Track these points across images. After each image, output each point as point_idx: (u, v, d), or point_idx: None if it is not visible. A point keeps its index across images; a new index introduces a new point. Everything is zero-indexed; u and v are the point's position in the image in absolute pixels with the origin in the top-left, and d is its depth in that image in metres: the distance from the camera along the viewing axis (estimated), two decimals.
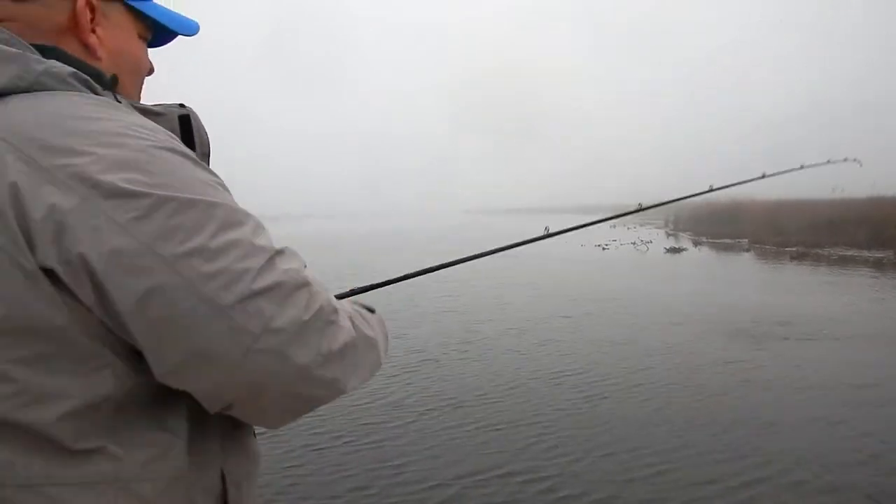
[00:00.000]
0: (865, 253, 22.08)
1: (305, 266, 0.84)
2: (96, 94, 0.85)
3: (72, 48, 0.90)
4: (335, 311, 0.83)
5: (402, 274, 1.67)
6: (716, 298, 12.89)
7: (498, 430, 5.61)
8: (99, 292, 0.71)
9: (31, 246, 0.70)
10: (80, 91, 0.82)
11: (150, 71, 1.05)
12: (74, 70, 0.83)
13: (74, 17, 0.90)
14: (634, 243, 29.04)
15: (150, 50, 1.05)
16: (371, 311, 1.00)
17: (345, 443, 5.35)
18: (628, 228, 44.50)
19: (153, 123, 0.84)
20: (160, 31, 1.05)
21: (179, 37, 1.09)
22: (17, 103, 0.78)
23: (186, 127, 0.96)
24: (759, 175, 2.68)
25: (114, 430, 0.75)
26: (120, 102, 0.87)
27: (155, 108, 0.95)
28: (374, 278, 1.56)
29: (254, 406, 0.80)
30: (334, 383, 0.81)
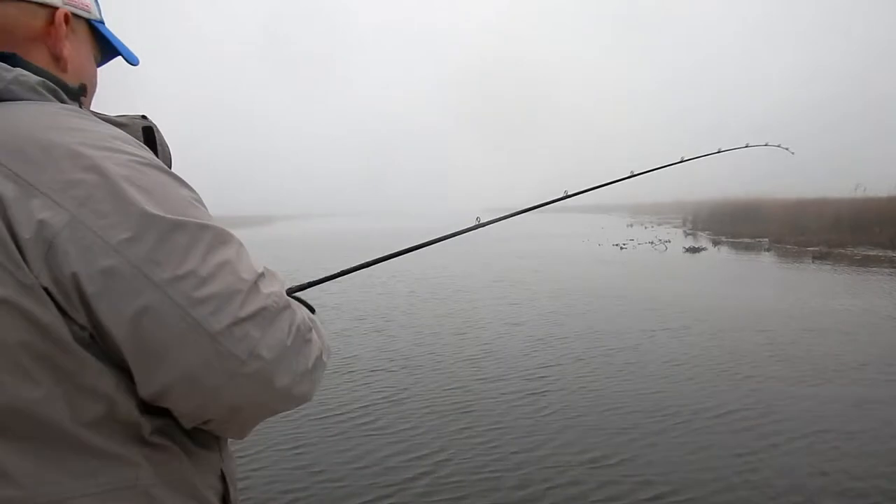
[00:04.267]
0: (890, 252, 21.69)
1: (284, 284, 0.86)
2: (64, 103, 0.84)
3: (38, 57, 0.89)
4: (309, 328, 0.86)
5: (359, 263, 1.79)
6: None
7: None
8: (89, 312, 0.72)
9: (27, 262, 0.70)
10: (49, 100, 0.82)
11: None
12: (42, 79, 0.82)
13: (51, 26, 0.90)
14: (652, 242, 28.77)
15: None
16: (312, 310, 1.01)
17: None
18: (645, 227, 44.22)
19: (126, 134, 0.84)
20: (105, 56, 1.07)
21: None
22: None
23: (149, 138, 0.95)
24: (678, 160, 2.72)
25: (132, 438, 0.77)
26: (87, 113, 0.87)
27: (119, 119, 0.94)
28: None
29: (231, 422, 0.84)
30: (305, 397, 0.86)
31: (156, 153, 0.93)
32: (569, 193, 2.30)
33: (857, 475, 4.74)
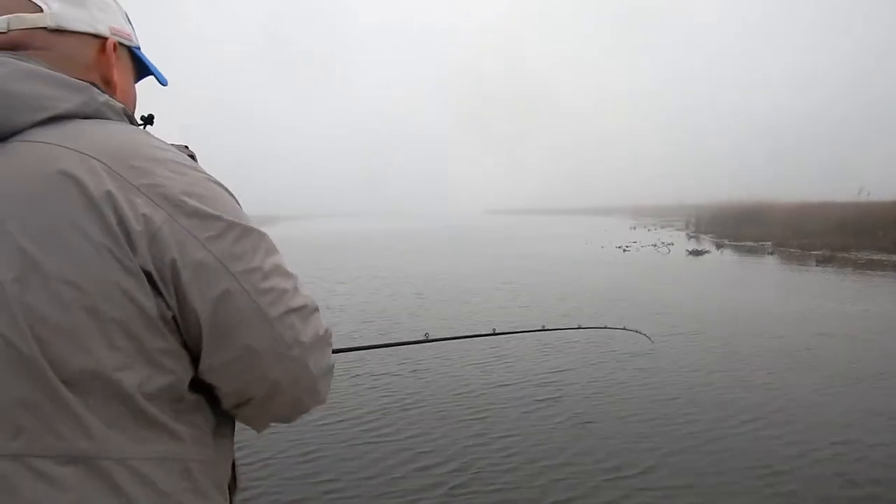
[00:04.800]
0: (894, 257, 21.55)
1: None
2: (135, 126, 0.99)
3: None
4: (330, 334, 1.00)
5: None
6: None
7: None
8: (180, 294, 0.85)
9: (133, 248, 0.82)
10: (126, 123, 0.96)
11: None
12: (123, 105, 0.96)
13: (102, 55, 1.01)
14: (655, 245, 28.69)
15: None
16: None
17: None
18: (648, 230, 44.14)
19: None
20: (138, 77, 1.16)
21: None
22: (92, 127, 0.89)
23: None
24: (540, 328, 2.91)
25: (180, 413, 0.87)
26: None
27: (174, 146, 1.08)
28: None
29: (265, 405, 0.96)
30: (321, 397, 1.00)
31: None
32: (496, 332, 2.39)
33: (891, 485, 4.61)
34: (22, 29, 0.94)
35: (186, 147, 1.06)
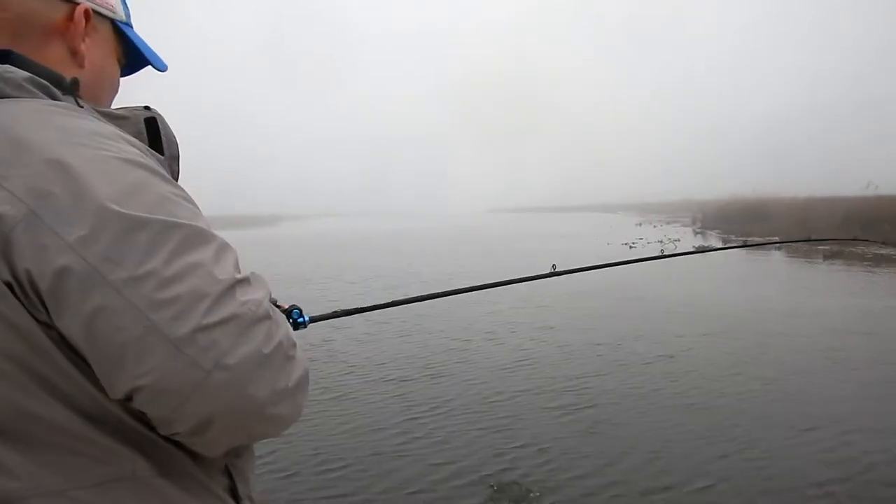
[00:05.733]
0: None
1: (271, 295, 0.82)
2: (56, 99, 0.82)
3: (53, 52, 0.90)
4: (294, 345, 0.80)
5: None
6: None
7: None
8: (47, 311, 0.70)
9: None
10: (37, 96, 0.80)
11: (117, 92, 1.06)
12: (30, 75, 0.81)
13: (70, 20, 0.91)
14: (661, 241, 28.57)
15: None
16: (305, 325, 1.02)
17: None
18: (654, 226, 44.02)
19: (113, 130, 0.81)
20: (132, 61, 1.06)
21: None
22: None
23: (153, 130, 0.93)
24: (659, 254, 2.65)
25: (126, 431, 0.75)
26: (82, 107, 0.84)
27: (119, 112, 0.92)
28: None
29: (200, 437, 0.76)
30: (284, 420, 0.79)
31: (159, 144, 0.92)
32: (556, 270, 2.12)
33: None
34: None
35: (147, 108, 0.96)
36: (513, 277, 1.91)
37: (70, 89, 0.86)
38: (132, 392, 0.71)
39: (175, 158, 0.96)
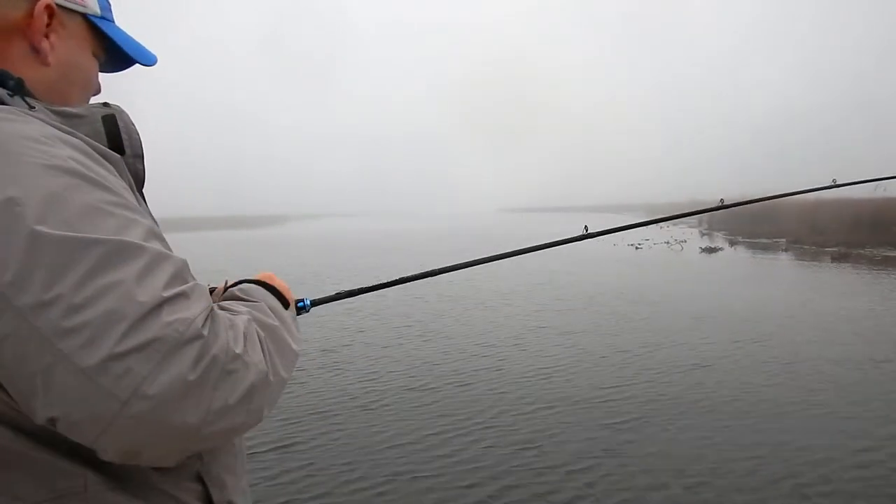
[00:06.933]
0: None
1: (208, 307, 0.73)
2: (1, 100, 0.79)
3: (14, 51, 0.87)
4: (236, 356, 0.72)
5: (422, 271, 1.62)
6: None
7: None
8: None
9: None
10: None
11: (97, 91, 1.02)
12: None
13: (30, 18, 0.87)
14: (668, 242, 28.55)
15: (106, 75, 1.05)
16: (297, 308, 0.97)
17: None
18: (660, 227, 43.83)
19: (51, 132, 0.75)
20: (116, 56, 1.02)
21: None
22: None
23: (113, 128, 0.89)
24: (831, 183, 2.40)
25: (74, 446, 0.70)
26: (33, 108, 0.80)
27: (74, 111, 0.87)
28: None
29: (134, 461, 0.71)
30: (233, 430, 0.73)
31: (119, 141, 0.88)
32: (724, 203, 2.01)
33: None
34: None
35: (106, 105, 0.92)
36: (544, 242, 1.83)
37: (17, 89, 0.82)
38: (51, 423, 0.67)
39: (139, 157, 0.91)
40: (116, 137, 0.88)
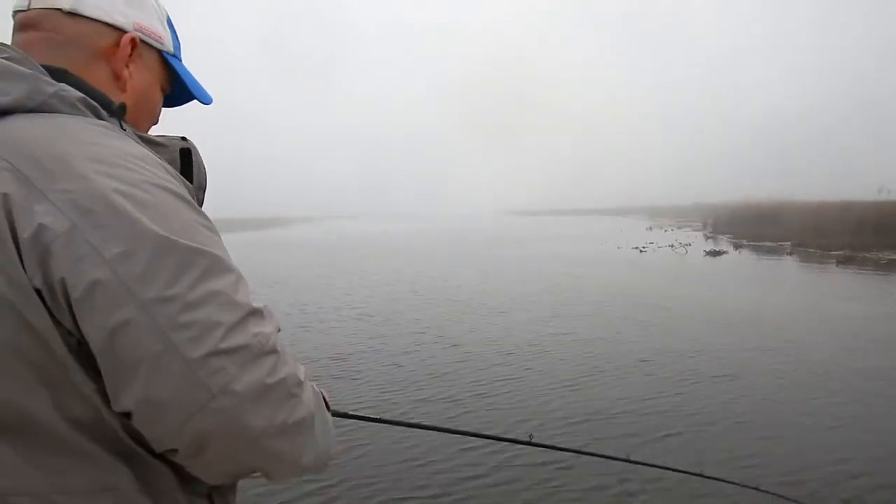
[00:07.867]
0: None
1: (279, 330, 0.83)
2: (102, 120, 0.87)
3: (98, 75, 0.95)
4: (299, 383, 0.81)
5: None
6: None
7: None
8: (75, 318, 0.73)
9: (22, 262, 0.73)
10: (86, 116, 0.85)
11: (157, 121, 1.11)
12: (83, 95, 0.86)
13: (116, 47, 0.96)
14: (672, 246, 28.51)
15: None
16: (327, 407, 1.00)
17: None
18: (665, 231, 43.80)
19: (152, 156, 0.86)
20: (179, 92, 1.11)
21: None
22: (20, 122, 0.81)
23: (187, 160, 0.99)
24: None
25: (115, 444, 0.77)
26: (125, 130, 0.89)
27: (158, 139, 0.97)
28: None
29: (195, 460, 0.79)
30: (281, 457, 0.80)
31: (191, 174, 0.97)
32: None
33: None
34: (40, 8, 0.93)
35: (184, 139, 1.01)
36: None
37: (117, 112, 0.91)
38: (137, 405, 0.74)
39: (202, 188, 1.01)
40: (187, 168, 0.98)
